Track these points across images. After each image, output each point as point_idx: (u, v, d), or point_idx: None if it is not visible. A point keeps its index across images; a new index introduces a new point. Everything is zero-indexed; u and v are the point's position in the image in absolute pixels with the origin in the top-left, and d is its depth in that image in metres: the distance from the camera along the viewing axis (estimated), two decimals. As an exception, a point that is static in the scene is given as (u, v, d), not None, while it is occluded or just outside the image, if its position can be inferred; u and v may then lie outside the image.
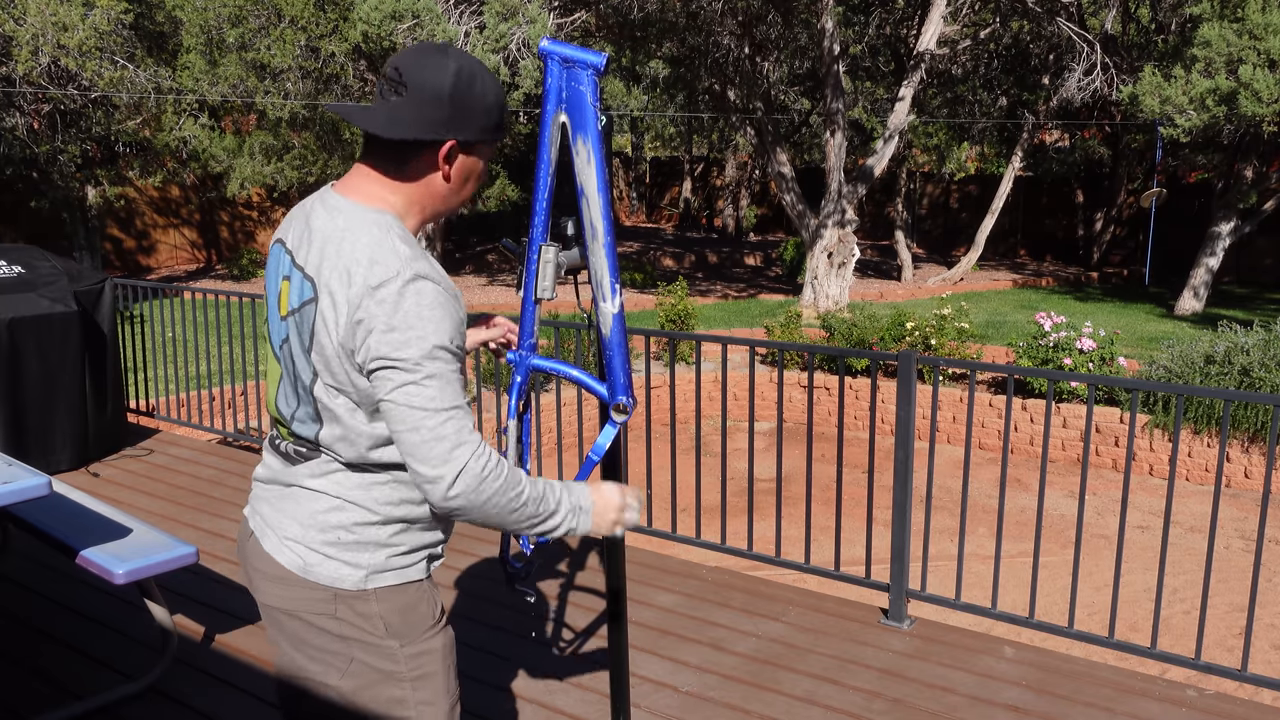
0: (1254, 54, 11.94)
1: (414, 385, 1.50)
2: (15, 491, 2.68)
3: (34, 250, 5.54)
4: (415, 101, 1.55)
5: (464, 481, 1.51)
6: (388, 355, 1.49)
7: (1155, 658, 3.36)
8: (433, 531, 1.73)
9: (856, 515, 7.24)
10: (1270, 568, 7.19)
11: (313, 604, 1.65)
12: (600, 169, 1.94)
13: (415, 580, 1.70)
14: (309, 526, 1.65)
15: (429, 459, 1.50)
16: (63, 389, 5.34)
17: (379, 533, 1.65)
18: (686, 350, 11.03)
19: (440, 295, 1.53)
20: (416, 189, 1.62)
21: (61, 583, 3.95)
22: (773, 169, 15.61)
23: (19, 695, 3.13)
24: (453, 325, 1.53)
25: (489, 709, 3.06)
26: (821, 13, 13.85)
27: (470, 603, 3.81)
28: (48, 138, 14.41)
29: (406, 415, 1.51)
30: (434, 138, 1.57)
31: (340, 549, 1.64)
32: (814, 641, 3.50)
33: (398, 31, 12.80)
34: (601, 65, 1.89)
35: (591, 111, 1.92)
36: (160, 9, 15.37)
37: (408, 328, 1.49)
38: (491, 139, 1.65)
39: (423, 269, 1.53)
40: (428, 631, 1.71)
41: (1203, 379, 8.91)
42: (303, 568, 1.65)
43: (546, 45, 1.91)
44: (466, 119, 1.58)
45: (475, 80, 1.59)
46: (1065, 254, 22.41)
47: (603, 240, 1.97)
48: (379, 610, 1.66)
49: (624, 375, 2.05)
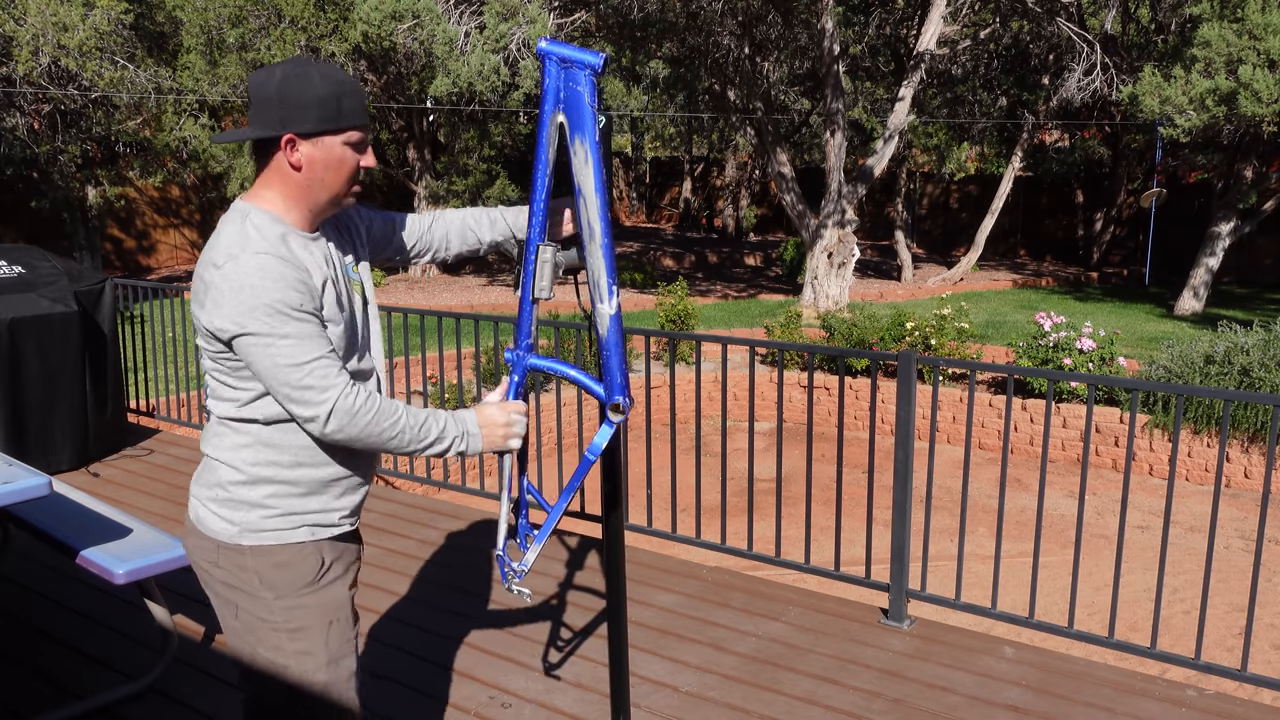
0: (1254, 54, 11.94)
1: (273, 347, 1.72)
2: (15, 491, 2.69)
3: (34, 250, 5.54)
4: (255, 109, 1.79)
5: (337, 418, 1.76)
6: (242, 324, 1.72)
7: (1155, 658, 3.36)
8: (312, 499, 1.89)
9: (856, 515, 7.24)
10: (1270, 568, 7.19)
11: (205, 553, 1.90)
12: (598, 169, 1.93)
13: (295, 542, 1.88)
14: (201, 484, 1.91)
15: (302, 403, 1.75)
16: (63, 389, 5.34)
17: (249, 493, 1.86)
18: (686, 350, 11.03)
19: (280, 266, 1.73)
20: (280, 183, 1.82)
21: (61, 583, 3.95)
22: (773, 169, 15.61)
23: (19, 695, 3.13)
24: (292, 289, 1.73)
25: (489, 708, 3.06)
26: (821, 13, 13.85)
27: (470, 602, 3.81)
28: (48, 138, 14.40)
29: (274, 373, 1.74)
30: (269, 134, 1.77)
31: (219, 505, 1.88)
32: (814, 641, 3.50)
33: (398, 31, 12.81)
34: (599, 65, 1.89)
35: (589, 112, 1.91)
36: (160, 9, 15.37)
37: (253, 298, 1.71)
38: (335, 127, 1.79)
39: (263, 247, 1.74)
40: (304, 588, 1.88)
41: (1202, 379, 8.90)
42: (197, 520, 1.91)
43: (544, 45, 1.91)
44: (297, 112, 1.76)
45: (301, 78, 1.76)
46: (1065, 254, 22.41)
47: (600, 241, 1.96)
48: (252, 564, 1.86)
49: (621, 375, 2.05)
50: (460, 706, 3.07)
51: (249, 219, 1.79)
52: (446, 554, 4.30)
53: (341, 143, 1.81)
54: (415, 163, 18.23)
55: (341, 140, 1.81)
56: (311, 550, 1.90)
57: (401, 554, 4.30)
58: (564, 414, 8.85)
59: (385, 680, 3.22)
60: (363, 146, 1.85)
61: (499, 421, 1.95)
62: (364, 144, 1.86)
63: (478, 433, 1.91)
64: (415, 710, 3.05)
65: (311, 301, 1.77)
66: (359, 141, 1.83)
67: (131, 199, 17.58)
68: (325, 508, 1.92)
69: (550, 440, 9.48)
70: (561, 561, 4.20)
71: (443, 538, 4.49)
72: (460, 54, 12.78)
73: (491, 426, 1.94)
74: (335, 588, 1.93)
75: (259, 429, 1.85)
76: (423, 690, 3.16)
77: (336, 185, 1.84)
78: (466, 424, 1.91)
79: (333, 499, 1.93)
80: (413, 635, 3.53)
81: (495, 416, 1.95)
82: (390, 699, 3.11)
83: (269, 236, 1.77)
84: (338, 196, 1.86)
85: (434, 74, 13.54)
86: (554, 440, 9.51)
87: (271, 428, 1.85)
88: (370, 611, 3.72)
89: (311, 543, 1.90)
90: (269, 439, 1.85)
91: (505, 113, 18.15)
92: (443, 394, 6.68)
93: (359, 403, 1.78)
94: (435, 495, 6.25)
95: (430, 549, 4.36)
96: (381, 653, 3.41)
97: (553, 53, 1.90)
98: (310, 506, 1.90)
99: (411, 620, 3.65)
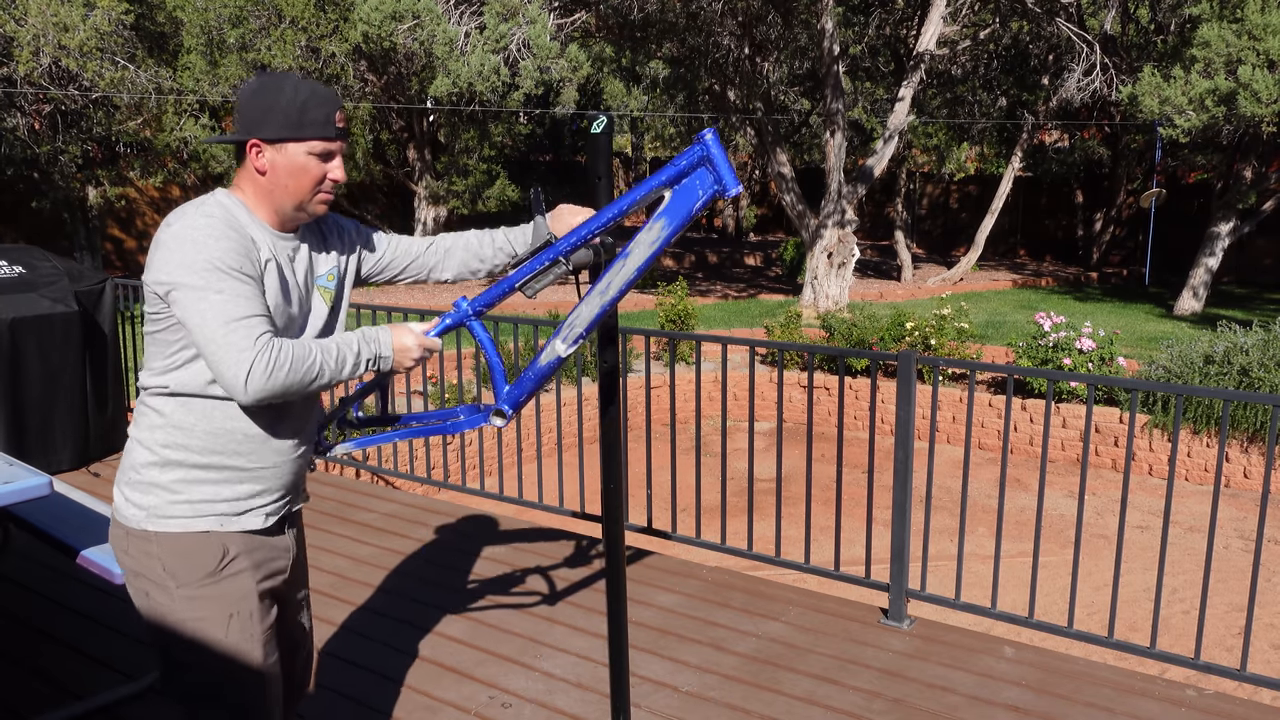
0: (1253, 54, 11.94)
1: (204, 300, 1.77)
2: (15, 491, 2.69)
3: (35, 250, 5.54)
4: (235, 114, 1.91)
5: (255, 380, 1.77)
6: (178, 277, 1.77)
7: (1155, 657, 3.36)
8: (224, 487, 1.91)
9: (856, 515, 7.24)
10: (1270, 568, 7.20)
11: (118, 540, 1.95)
12: (653, 255, 1.99)
13: (199, 531, 1.90)
14: (121, 469, 1.96)
15: (223, 364, 1.77)
16: (63, 389, 5.34)
17: (158, 475, 1.89)
18: (686, 350, 11.03)
19: (220, 226, 1.81)
20: (249, 184, 1.91)
21: (61, 583, 3.95)
22: (773, 169, 15.61)
23: (19, 695, 3.13)
24: (233, 249, 1.80)
25: (489, 708, 3.06)
26: (821, 13, 13.85)
27: (470, 602, 3.81)
28: (49, 138, 14.40)
29: (201, 327, 1.77)
30: (236, 139, 1.88)
31: (130, 488, 1.92)
32: (814, 641, 3.51)
33: (398, 32, 12.81)
34: (728, 193, 1.92)
35: (686, 214, 1.96)
36: (161, 9, 15.36)
37: (195, 252, 1.77)
38: (296, 135, 1.87)
39: (214, 212, 1.83)
40: (204, 579, 1.90)
41: (1202, 379, 8.91)
42: (114, 507, 1.96)
43: (708, 138, 1.91)
44: (263, 120, 1.86)
45: (273, 88, 1.87)
46: (1065, 254, 22.41)
47: (606, 299, 2.01)
48: (157, 551, 1.90)
49: (523, 394, 2.12)
50: (460, 706, 3.07)
51: (214, 195, 1.89)
52: (446, 554, 4.30)
53: (305, 151, 1.88)
54: (415, 163, 18.23)
55: (305, 149, 1.88)
56: (215, 540, 1.91)
57: (401, 554, 4.30)
58: (564, 414, 8.85)
59: (385, 680, 3.22)
60: (329, 158, 1.91)
61: (412, 354, 2.00)
62: (330, 155, 1.91)
63: (389, 355, 1.97)
64: (415, 710, 3.05)
65: (252, 268, 1.83)
66: (324, 153, 1.90)
67: (132, 199, 17.57)
68: (236, 496, 1.93)
69: (550, 440, 9.48)
70: (562, 561, 4.20)
71: (443, 538, 4.49)
72: (460, 54, 12.78)
73: (403, 353, 1.99)
74: (238, 580, 1.93)
75: (173, 408, 1.88)
76: (423, 690, 3.16)
77: (299, 192, 1.90)
78: (380, 345, 1.96)
79: (246, 491, 1.94)
80: (413, 635, 3.53)
81: (409, 346, 1.99)
82: (390, 698, 3.11)
83: (224, 206, 1.86)
84: (302, 203, 1.92)
85: (434, 74, 13.55)
86: (554, 440, 9.51)
87: (183, 408, 1.88)
88: (371, 611, 3.73)
89: (217, 533, 1.91)
90: (179, 421, 1.88)
91: (505, 113, 18.16)
92: (443, 394, 6.68)
93: (274, 359, 1.79)
94: (435, 495, 6.25)
95: (430, 549, 4.36)
96: (382, 652, 3.41)
97: (709, 149, 1.91)
98: (221, 495, 1.92)
99: (411, 620, 3.65)
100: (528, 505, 4.83)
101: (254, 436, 1.92)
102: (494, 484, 5.32)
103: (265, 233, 1.91)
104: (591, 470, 4.56)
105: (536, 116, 23.90)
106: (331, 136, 1.90)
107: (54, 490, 2.98)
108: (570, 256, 2.08)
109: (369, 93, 16.31)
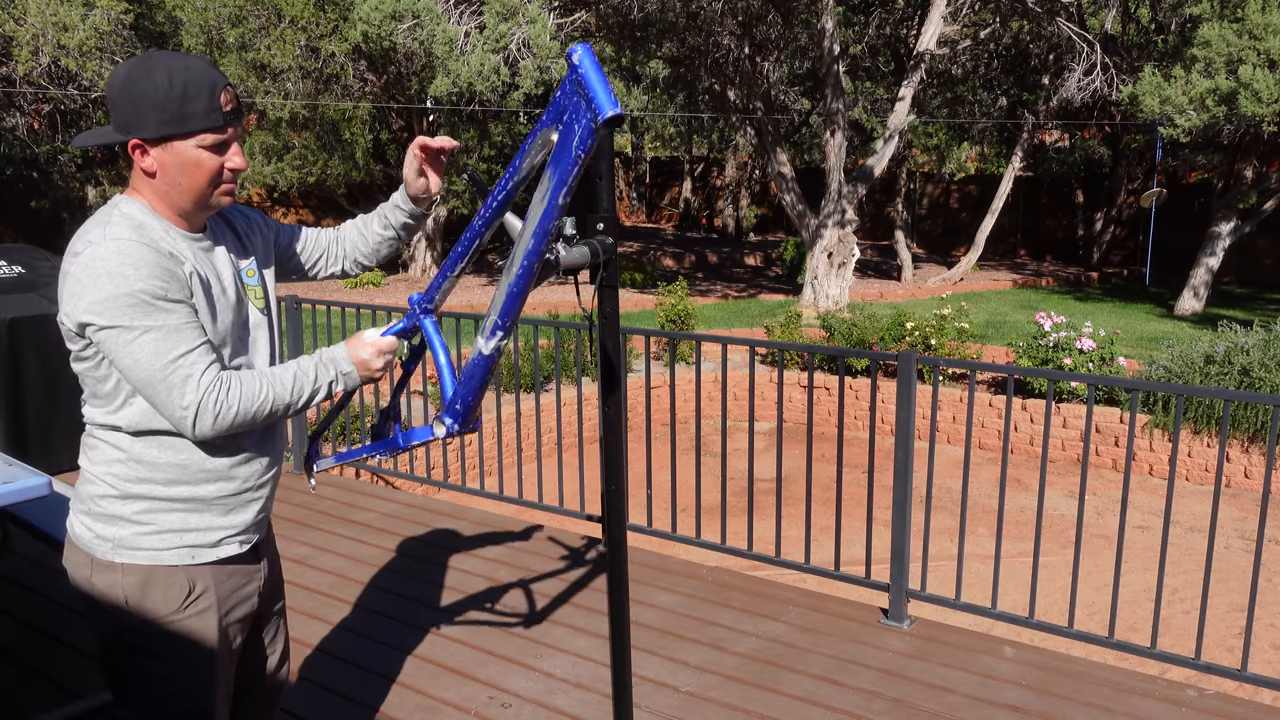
0: (1254, 54, 11.94)
1: (135, 342, 1.62)
2: (15, 491, 2.68)
3: (34, 250, 5.54)
4: (110, 110, 1.68)
5: (203, 422, 1.67)
6: (101, 316, 1.61)
7: (1155, 658, 3.36)
8: (193, 516, 1.81)
9: (856, 515, 7.24)
10: (1270, 568, 7.19)
11: (79, 568, 1.83)
12: (548, 214, 1.68)
13: (166, 565, 1.80)
14: (79, 498, 1.84)
15: (168, 406, 1.66)
16: (63, 389, 5.34)
17: (122, 508, 1.78)
18: (686, 350, 11.03)
19: (135, 250, 1.63)
20: (143, 184, 1.73)
21: (61, 582, 3.95)
22: (773, 169, 15.61)
23: (19, 695, 3.13)
24: (154, 275, 1.63)
25: (489, 708, 3.06)
26: (821, 13, 13.85)
27: (470, 602, 3.81)
28: (48, 138, 14.40)
29: (136, 369, 1.64)
30: (113, 141, 1.68)
31: (94, 519, 1.80)
32: (814, 641, 3.50)
33: (398, 31, 12.80)
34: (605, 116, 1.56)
35: (571, 158, 1.62)
36: (160, 9, 15.37)
37: (113, 287, 1.60)
38: (180, 131, 1.67)
39: (124, 233, 1.64)
40: (172, 614, 1.81)
41: (1203, 379, 8.90)
42: (74, 535, 1.83)
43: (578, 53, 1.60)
44: (138, 117, 1.66)
45: (144, 78, 1.64)
46: (1065, 254, 22.41)
47: (509, 280, 1.77)
48: (121, 582, 1.79)
49: (461, 404, 1.95)
50: (460, 706, 3.07)
51: (117, 207, 1.71)
52: (446, 554, 4.30)
53: (194, 146, 1.70)
54: (415, 163, 18.20)
55: (193, 144, 1.69)
56: (181, 575, 1.81)
57: (401, 554, 4.29)
58: (564, 414, 8.85)
59: (385, 680, 3.22)
60: (223, 148, 1.73)
61: (372, 365, 1.88)
62: (223, 145, 1.72)
63: (352, 370, 1.87)
64: (415, 710, 3.05)
65: (180, 289, 1.68)
66: (215, 144, 1.71)
67: (131, 199, 17.55)
68: (208, 526, 1.83)
69: (550, 440, 9.48)
70: (561, 561, 4.20)
71: (443, 538, 4.49)
72: (460, 54, 12.78)
73: (364, 366, 1.88)
74: (202, 619, 1.83)
75: (130, 443, 1.76)
76: (423, 690, 3.16)
77: (196, 189, 1.73)
78: (339, 364, 1.85)
79: (217, 517, 1.83)
80: (412, 635, 3.53)
81: (367, 358, 1.88)
82: (390, 698, 3.11)
83: (133, 220, 1.68)
84: (201, 199, 1.75)
85: (434, 74, 13.54)
86: (554, 440, 9.51)
87: (141, 442, 1.76)
88: (370, 611, 3.72)
89: (182, 568, 1.81)
90: (140, 455, 1.76)
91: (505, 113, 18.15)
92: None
93: (221, 398, 1.68)
94: (435, 495, 6.25)
95: (430, 549, 4.36)
96: (382, 652, 3.41)
97: (577, 69, 1.58)
98: (190, 524, 1.81)
99: (411, 620, 3.65)
100: (528, 505, 4.83)
101: (221, 465, 1.82)
102: (494, 484, 5.32)
103: (181, 239, 1.74)
104: (591, 470, 4.56)
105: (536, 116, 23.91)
106: (221, 126, 1.69)
107: (53, 490, 2.98)
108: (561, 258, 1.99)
109: (369, 92, 16.30)
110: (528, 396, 9.30)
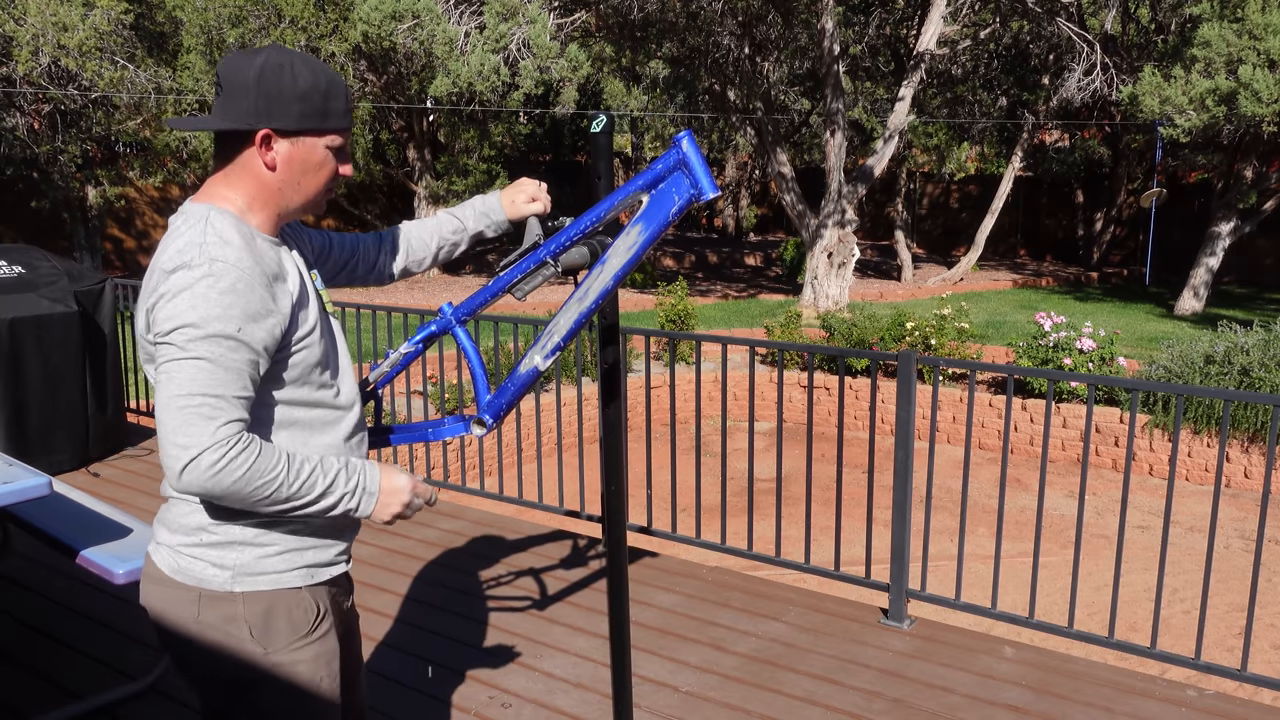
0: (1254, 54, 11.94)
1: (177, 363, 1.49)
2: (15, 491, 2.68)
3: (34, 250, 5.54)
4: (226, 97, 1.58)
5: (197, 468, 1.48)
6: (163, 330, 1.50)
7: (1155, 658, 3.36)
8: (309, 536, 1.69)
9: (856, 515, 7.24)
10: (1270, 568, 7.19)
11: (182, 605, 1.64)
12: (631, 261, 1.88)
13: (290, 588, 1.67)
14: (175, 531, 1.66)
15: (170, 435, 1.48)
16: (63, 389, 5.34)
17: (241, 532, 1.63)
18: (686, 350, 11.03)
19: (236, 282, 1.51)
20: (247, 183, 1.62)
21: (61, 583, 3.95)
22: (773, 169, 15.61)
23: (19, 695, 3.13)
24: (241, 313, 1.51)
25: (489, 708, 3.06)
26: (821, 13, 13.85)
27: (470, 602, 3.81)
28: (48, 138, 14.40)
29: (161, 390, 1.50)
30: (243, 127, 1.58)
31: (206, 549, 1.64)
32: (814, 641, 3.50)
33: (398, 32, 12.81)
34: (705, 196, 1.82)
35: (663, 220, 1.86)
36: (160, 9, 15.37)
37: (189, 307, 1.49)
38: (319, 127, 1.62)
39: (223, 254, 1.52)
40: (297, 640, 1.67)
41: (1203, 379, 8.90)
42: (173, 569, 1.65)
43: (685, 142, 1.83)
44: (277, 106, 1.58)
45: (284, 69, 1.58)
46: (1065, 254, 22.41)
47: (585, 306, 1.92)
48: (243, 614, 1.64)
49: (504, 404, 2.00)
50: (460, 706, 3.07)
51: (209, 222, 1.57)
52: (446, 554, 4.30)
53: (324, 145, 1.63)
54: (415, 163, 18.23)
55: (324, 143, 1.63)
56: (307, 596, 1.70)
57: (401, 554, 4.30)
58: (564, 414, 8.85)
59: (385, 679, 3.22)
60: (344, 153, 1.67)
61: (403, 499, 1.69)
62: (345, 150, 1.67)
63: (375, 493, 1.65)
64: (415, 710, 3.05)
65: (266, 320, 1.55)
66: (341, 147, 1.66)
67: (131, 199, 17.57)
68: (323, 544, 1.72)
69: (550, 440, 9.48)
70: (561, 561, 4.20)
71: (443, 538, 4.49)
72: (460, 54, 12.78)
73: (394, 495, 1.68)
74: (328, 640, 1.73)
75: None
76: (423, 690, 3.16)
77: (312, 191, 1.66)
78: (366, 481, 1.65)
79: (331, 535, 1.73)
80: (412, 635, 3.53)
81: (402, 491, 1.69)
82: (390, 698, 3.11)
83: (232, 242, 1.55)
84: (310, 202, 1.67)
85: (434, 74, 13.55)
86: (554, 440, 9.51)
87: None
88: (371, 611, 3.72)
89: (307, 588, 1.70)
90: None
91: (505, 113, 18.15)
92: (443, 394, 6.68)
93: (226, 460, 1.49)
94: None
95: (430, 549, 4.36)
96: (382, 652, 3.41)
97: (684, 154, 1.83)
98: (308, 544, 1.70)
99: (411, 620, 3.65)
100: (528, 505, 4.83)
101: None
102: (494, 484, 5.32)
103: (269, 246, 1.63)
104: (591, 470, 4.56)
105: (536, 116, 23.90)
106: (349, 128, 1.66)
107: (54, 490, 2.98)
108: (559, 258, 2.05)
109: (369, 92, 16.30)
110: (528, 396, 9.30)
